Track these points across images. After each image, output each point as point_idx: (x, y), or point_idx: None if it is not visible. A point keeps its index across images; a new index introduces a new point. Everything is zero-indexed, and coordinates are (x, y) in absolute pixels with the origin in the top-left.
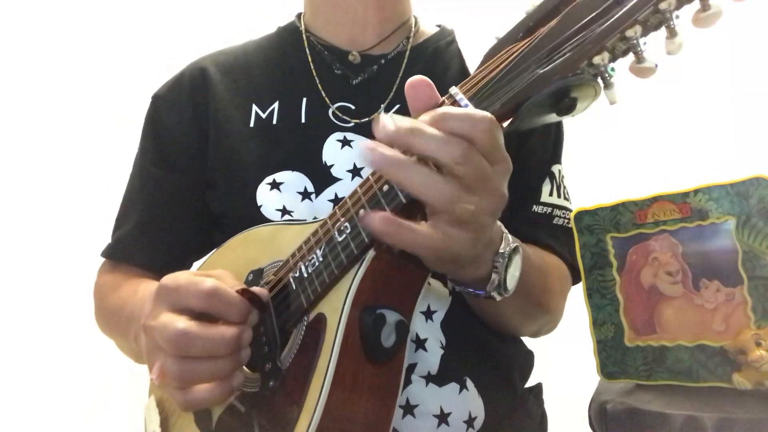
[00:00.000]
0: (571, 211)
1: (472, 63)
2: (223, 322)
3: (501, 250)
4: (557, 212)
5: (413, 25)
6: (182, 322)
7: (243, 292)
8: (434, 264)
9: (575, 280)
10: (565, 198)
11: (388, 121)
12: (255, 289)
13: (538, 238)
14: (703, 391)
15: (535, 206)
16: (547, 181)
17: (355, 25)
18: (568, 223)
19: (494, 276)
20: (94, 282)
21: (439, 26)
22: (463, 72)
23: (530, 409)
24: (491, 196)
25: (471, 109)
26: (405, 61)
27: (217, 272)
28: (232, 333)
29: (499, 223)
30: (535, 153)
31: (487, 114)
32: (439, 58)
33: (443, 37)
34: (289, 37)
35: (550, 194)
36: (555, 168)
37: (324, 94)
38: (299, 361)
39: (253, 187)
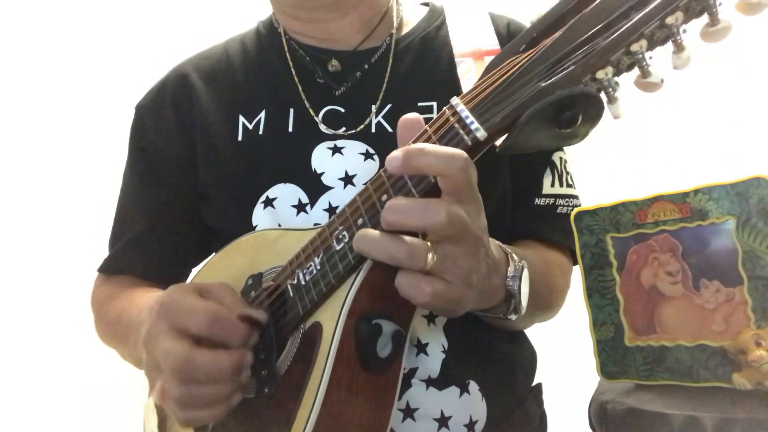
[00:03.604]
0: (576, 197)
1: (463, 48)
2: (223, 347)
3: (511, 273)
4: (560, 201)
5: (395, 15)
6: (184, 349)
7: (243, 317)
8: (436, 311)
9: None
10: (569, 185)
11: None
12: (255, 313)
13: (541, 232)
14: (703, 391)
15: (537, 199)
16: (548, 171)
17: (334, 32)
18: (572, 210)
19: (510, 300)
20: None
21: (427, 5)
22: (451, 64)
23: (529, 409)
24: (468, 241)
25: (447, 147)
26: (390, 60)
27: (217, 288)
28: (233, 360)
29: (498, 243)
30: None
31: (463, 153)
32: (427, 50)
33: (431, 22)
34: (269, 38)
35: (552, 185)
36: (556, 156)
37: (308, 105)
38: (295, 369)
39: (248, 209)
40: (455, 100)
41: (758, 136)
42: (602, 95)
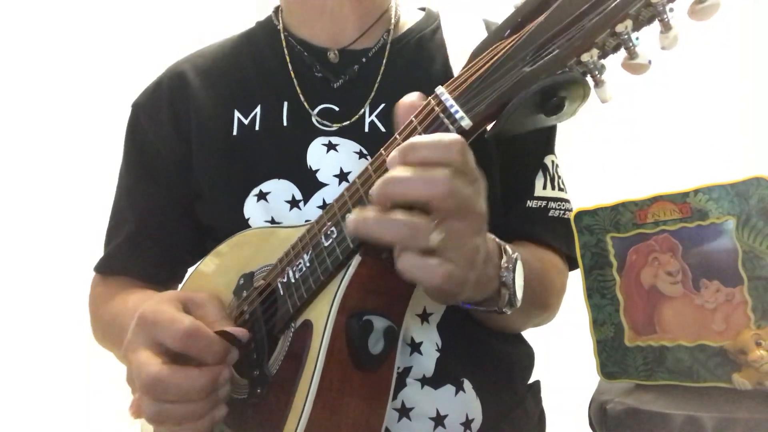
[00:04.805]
0: (568, 201)
1: (456, 51)
2: (199, 364)
3: (505, 264)
4: (552, 204)
5: (393, 15)
6: (156, 366)
7: (221, 333)
8: (435, 295)
9: (572, 267)
10: (561, 189)
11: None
12: (234, 329)
13: (534, 234)
14: (703, 391)
15: (529, 201)
16: (540, 174)
17: (333, 24)
18: (564, 214)
19: (504, 292)
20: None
21: (423, 9)
22: (445, 65)
23: (528, 407)
24: (473, 219)
25: (440, 135)
26: (386, 57)
27: (204, 301)
28: (205, 380)
29: (492, 236)
30: (527, 146)
31: (457, 136)
32: (422, 51)
33: (428, 25)
34: (267, 36)
35: (544, 187)
36: (548, 159)
37: (303, 99)
38: (286, 369)
39: (241, 201)
40: (440, 89)
41: (758, 136)
42: (588, 78)
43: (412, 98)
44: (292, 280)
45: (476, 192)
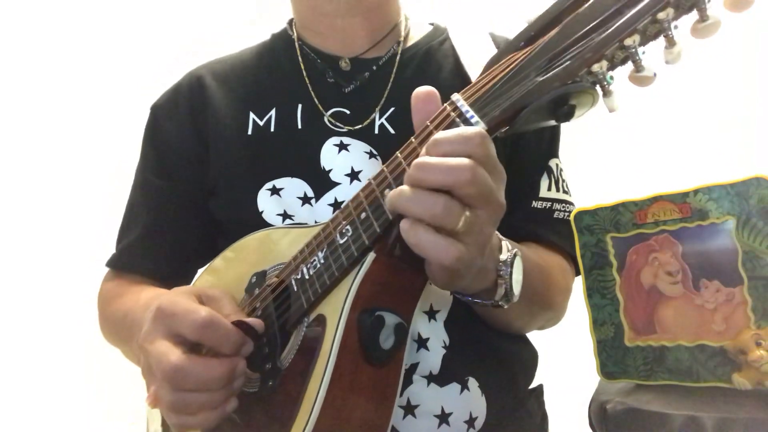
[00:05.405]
0: (572, 204)
1: (468, 59)
2: (215, 355)
3: (503, 258)
4: (557, 206)
5: (403, 28)
6: (176, 356)
7: (238, 324)
8: (439, 276)
9: (578, 271)
10: (565, 191)
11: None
12: (250, 320)
13: (539, 234)
14: (703, 391)
15: (534, 202)
16: (545, 176)
17: (345, 36)
18: (569, 216)
19: (500, 284)
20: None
21: (432, 24)
22: (458, 70)
23: (531, 409)
24: (493, 208)
25: (462, 128)
26: (396, 65)
27: (218, 295)
28: (224, 369)
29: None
30: (531, 148)
31: (478, 129)
32: (431, 59)
33: (435, 37)
34: (283, 44)
35: (549, 189)
36: (552, 162)
37: (317, 102)
38: (298, 362)
39: (254, 194)
40: (455, 96)
41: (758, 136)
42: (597, 88)
43: (425, 89)
44: (306, 277)
45: (497, 182)
